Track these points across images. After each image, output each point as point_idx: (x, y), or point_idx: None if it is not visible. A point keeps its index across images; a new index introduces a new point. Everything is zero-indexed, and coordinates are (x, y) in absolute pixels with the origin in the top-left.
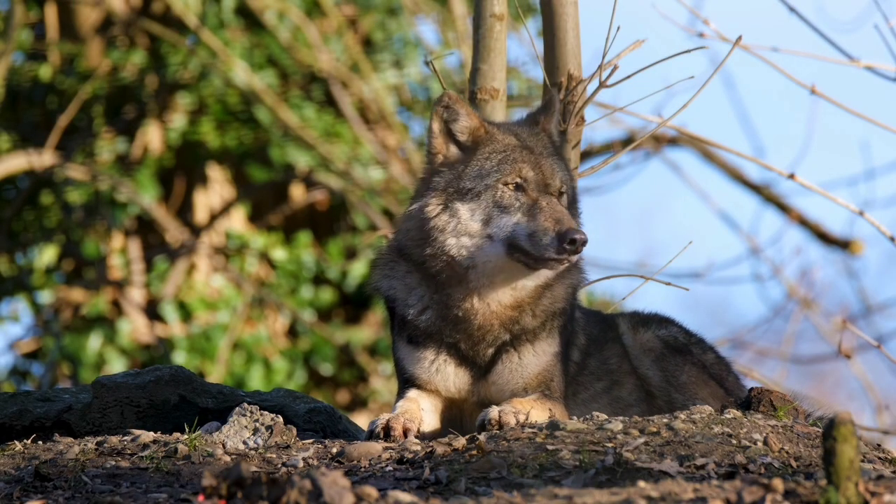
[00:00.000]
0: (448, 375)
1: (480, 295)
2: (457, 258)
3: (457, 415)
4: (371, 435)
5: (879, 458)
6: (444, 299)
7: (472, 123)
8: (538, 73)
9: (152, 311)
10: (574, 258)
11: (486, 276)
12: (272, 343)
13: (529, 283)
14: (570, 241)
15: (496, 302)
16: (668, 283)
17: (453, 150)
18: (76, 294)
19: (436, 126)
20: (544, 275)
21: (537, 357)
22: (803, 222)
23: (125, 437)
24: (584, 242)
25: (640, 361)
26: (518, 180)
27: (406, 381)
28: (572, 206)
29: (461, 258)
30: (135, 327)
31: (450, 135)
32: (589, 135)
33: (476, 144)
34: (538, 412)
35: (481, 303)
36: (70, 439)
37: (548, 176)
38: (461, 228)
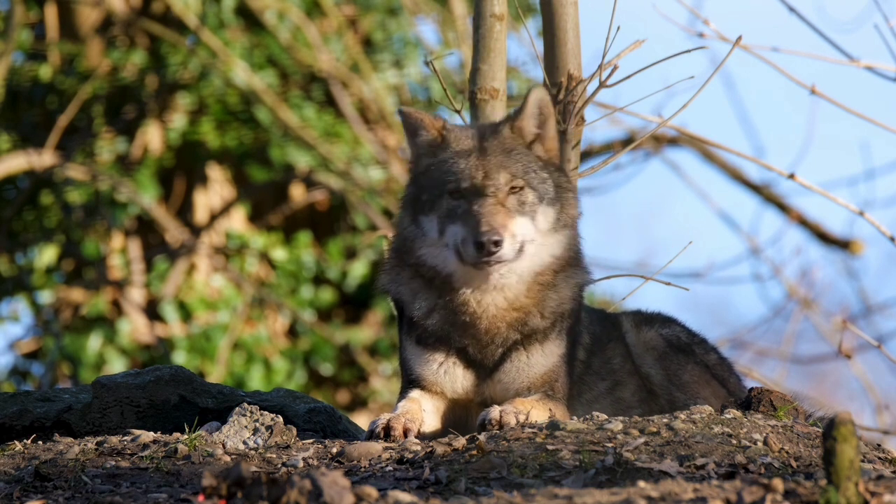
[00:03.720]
0: (456, 377)
1: (476, 299)
2: (436, 267)
3: (460, 416)
4: (371, 435)
5: (879, 458)
6: (450, 304)
7: (430, 135)
8: (538, 73)
9: (152, 311)
10: (493, 259)
11: (465, 281)
12: (272, 343)
13: (511, 283)
14: (479, 246)
15: (493, 305)
16: (669, 283)
17: (422, 161)
18: (76, 294)
19: (405, 139)
20: (526, 274)
21: (545, 357)
22: (803, 222)
23: (125, 437)
24: (494, 243)
25: (642, 360)
26: (457, 186)
27: (411, 382)
28: (551, 200)
29: (438, 267)
30: (135, 327)
31: (416, 146)
32: (589, 135)
33: (434, 153)
34: (538, 412)
35: (479, 307)
36: (70, 439)
37: (487, 176)
38: (428, 240)
